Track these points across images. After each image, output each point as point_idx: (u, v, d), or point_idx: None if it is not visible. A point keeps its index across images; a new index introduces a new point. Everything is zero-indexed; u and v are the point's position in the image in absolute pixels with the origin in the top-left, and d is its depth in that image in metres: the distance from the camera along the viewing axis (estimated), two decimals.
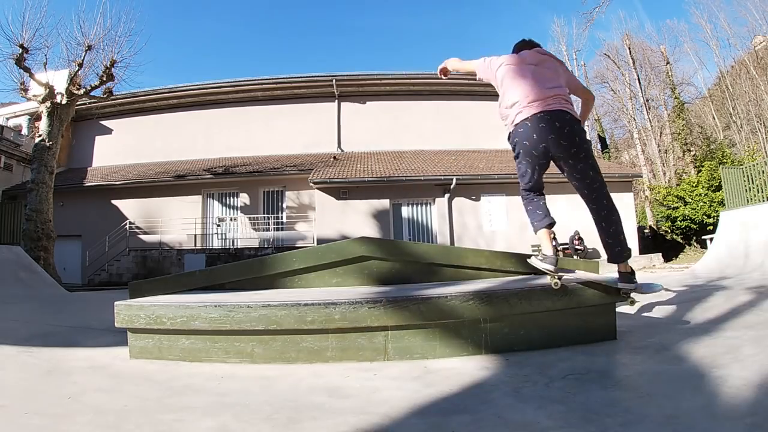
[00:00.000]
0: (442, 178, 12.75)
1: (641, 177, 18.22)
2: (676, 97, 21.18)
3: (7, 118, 18.80)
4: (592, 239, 11.97)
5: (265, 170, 14.27)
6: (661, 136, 21.52)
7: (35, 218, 10.00)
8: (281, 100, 16.51)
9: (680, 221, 16.25)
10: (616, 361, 1.81)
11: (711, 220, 14.55)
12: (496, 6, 51.94)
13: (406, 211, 13.35)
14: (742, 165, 9.60)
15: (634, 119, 22.47)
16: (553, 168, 2.17)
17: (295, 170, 13.98)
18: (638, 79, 22.55)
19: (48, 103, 10.51)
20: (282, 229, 13.92)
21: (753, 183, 7.92)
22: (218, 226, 14.76)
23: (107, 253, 13.58)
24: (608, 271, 2.29)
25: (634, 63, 22.80)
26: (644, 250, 13.41)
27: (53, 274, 9.18)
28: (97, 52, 11.21)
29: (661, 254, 12.93)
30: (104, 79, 11.18)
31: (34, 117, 16.75)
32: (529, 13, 49.30)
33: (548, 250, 2.12)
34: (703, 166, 17.31)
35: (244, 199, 14.82)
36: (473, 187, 12.88)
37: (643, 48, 23.53)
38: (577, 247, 12.09)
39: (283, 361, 1.95)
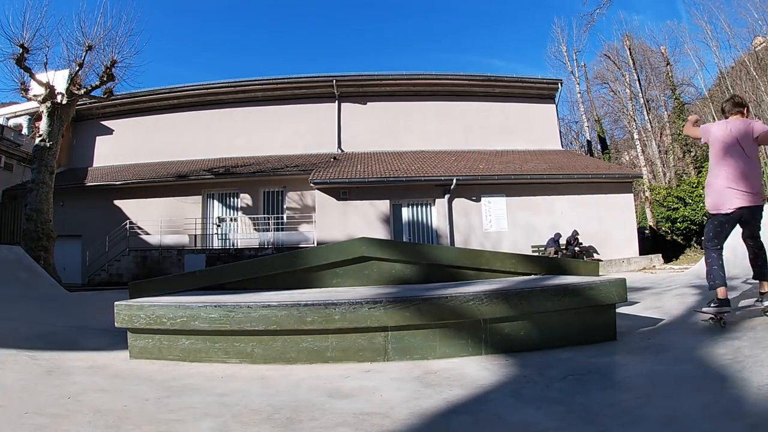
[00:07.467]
0: (443, 178, 12.73)
1: (641, 178, 18.19)
2: (676, 98, 21.16)
3: (8, 118, 18.80)
4: (596, 241, 11.95)
5: (265, 170, 14.26)
6: (661, 136, 21.51)
7: (35, 218, 9.99)
8: (282, 101, 16.51)
9: (680, 222, 16.22)
10: (616, 362, 1.81)
11: None
12: (497, 6, 51.91)
13: (406, 212, 13.34)
14: None
15: (635, 120, 22.44)
16: (554, 168, 2.17)
17: (296, 170, 13.98)
18: (638, 80, 22.52)
19: (48, 103, 10.50)
20: (282, 230, 13.91)
21: None
22: (218, 226, 14.74)
23: (107, 253, 13.56)
24: (607, 273, 2.29)
25: (634, 64, 22.78)
26: (644, 250, 13.37)
27: (53, 274, 9.15)
28: (98, 52, 11.19)
29: (661, 255, 12.89)
30: (105, 79, 11.17)
31: (35, 117, 16.72)
32: (529, 13, 49.23)
33: None
34: (703, 167, 17.30)
35: (244, 199, 14.82)
36: (473, 188, 12.86)
37: (643, 49, 23.50)
38: (575, 248, 12.03)
39: (283, 361, 1.95)
